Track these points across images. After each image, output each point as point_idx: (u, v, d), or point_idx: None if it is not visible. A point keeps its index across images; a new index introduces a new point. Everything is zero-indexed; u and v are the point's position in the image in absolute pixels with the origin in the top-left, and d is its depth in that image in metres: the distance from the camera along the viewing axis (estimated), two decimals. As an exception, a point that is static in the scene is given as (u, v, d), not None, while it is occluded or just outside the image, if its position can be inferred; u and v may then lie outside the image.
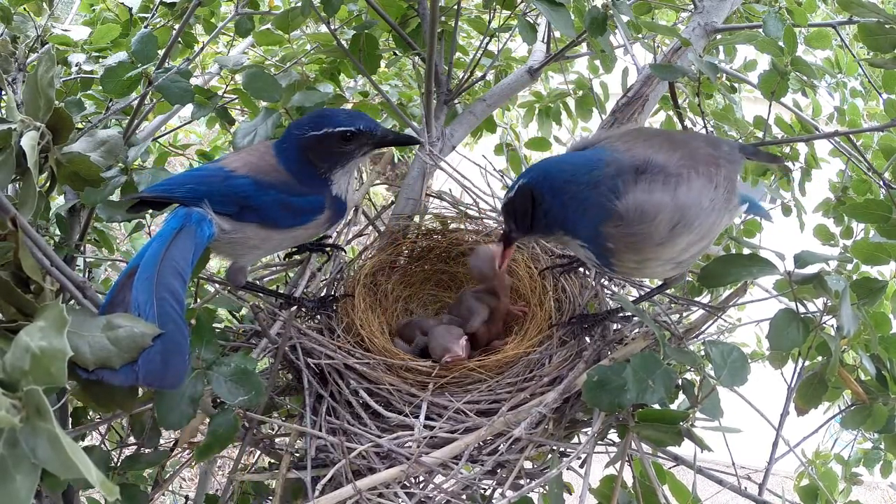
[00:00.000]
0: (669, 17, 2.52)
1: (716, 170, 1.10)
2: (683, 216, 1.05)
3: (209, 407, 1.05)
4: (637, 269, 1.14)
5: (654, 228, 1.05)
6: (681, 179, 1.06)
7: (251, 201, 1.14)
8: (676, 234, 1.06)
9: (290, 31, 1.63)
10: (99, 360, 0.79)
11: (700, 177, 1.07)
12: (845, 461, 2.07)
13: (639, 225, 1.05)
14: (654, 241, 1.06)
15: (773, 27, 1.39)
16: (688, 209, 1.05)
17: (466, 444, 1.11)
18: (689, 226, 1.06)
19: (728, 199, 1.11)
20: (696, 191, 1.06)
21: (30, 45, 1.54)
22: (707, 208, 1.07)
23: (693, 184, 1.06)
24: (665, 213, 1.04)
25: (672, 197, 1.05)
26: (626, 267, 1.12)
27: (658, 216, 1.04)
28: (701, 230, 1.07)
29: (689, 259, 1.12)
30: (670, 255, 1.09)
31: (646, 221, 1.04)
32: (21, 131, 0.94)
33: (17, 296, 0.79)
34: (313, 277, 1.50)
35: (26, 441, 0.58)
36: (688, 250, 1.09)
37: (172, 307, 0.89)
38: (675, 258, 1.10)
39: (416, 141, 1.31)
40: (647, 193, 1.05)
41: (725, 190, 1.10)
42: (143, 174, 1.25)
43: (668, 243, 1.06)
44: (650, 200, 1.04)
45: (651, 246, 1.07)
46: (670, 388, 1.03)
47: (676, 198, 1.05)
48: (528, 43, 1.72)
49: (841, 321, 1.07)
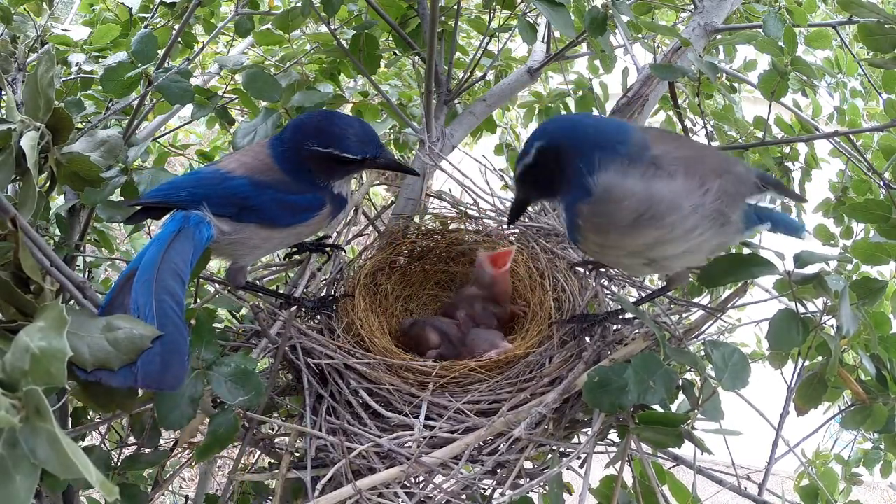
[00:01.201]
0: (669, 17, 2.52)
1: (715, 178, 1.05)
2: (651, 208, 1.01)
3: (209, 407, 1.05)
4: (601, 255, 1.11)
5: (619, 214, 1.02)
6: (661, 172, 1.02)
7: (249, 202, 1.13)
8: (641, 224, 1.02)
9: (290, 31, 1.63)
10: (98, 362, 0.79)
11: (689, 178, 1.03)
12: (845, 461, 2.07)
13: (604, 205, 1.03)
14: (616, 227, 1.03)
15: (773, 27, 1.39)
16: (658, 203, 1.01)
17: (466, 444, 1.11)
18: (658, 220, 1.02)
19: (722, 213, 1.06)
20: (677, 188, 1.02)
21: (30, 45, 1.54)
22: (686, 211, 1.03)
23: (676, 181, 1.03)
24: (631, 201, 1.01)
25: (645, 186, 1.02)
26: (589, 248, 1.10)
27: (623, 201, 1.02)
28: (674, 231, 1.03)
29: (664, 259, 1.08)
30: (634, 246, 1.06)
31: (611, 203, 1.02)
32: (21, 131, 0.94)
33: (17, 296, 0.79)
34: (313, 277, 1.50)
35: (26, 441, 0.58)
36: (657, 248, 1.06)
37: (172, 309, 0.89)
38: (643, 252, 1.07)
39: (414, 172, 1.31)
40: (620, 176, 1.02)
41: (718, 201, 1.05)
42: (143, 174, 1.25)
43: (631, 233, 1.03)
44: (620, 184, 1.02)
45: (613, 232, 1.05)
46: (671, 388, 1.03)
47: (649, 188, 1.02)
48: (528, 43, 1.72)
49: (841, 321, 1.07)
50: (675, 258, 1.09)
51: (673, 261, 1.10)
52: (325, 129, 1.16)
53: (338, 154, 1.15)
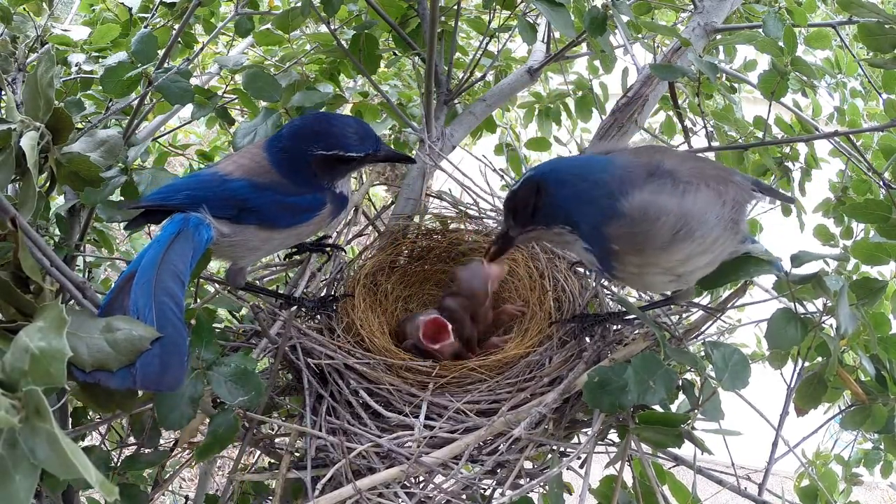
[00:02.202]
0: (669, 17, 2.52)
1: (725, 188, 1.07)
2: (687, 223, 1.03)
3: (209, 407, 1.05)
4: (637, 276, 1.11)
5: (656, 231, 1.03)
6: (689, 187, 1.04)
7: (249, 203, 1.14)
8: (678, 239, 1.03)
9: (290, 32, 1.63)
10: (96, 363, 0.79)
11: (709, 190, 1.05)
12: (845, 462, 2.07)
13: (642, 225, 1.03)
14: (656, 245, 1.04)
15: (773, 27, 1.39)
16: (692, 217, 1.03)
17: (466, 444, 1.11)
18: (692, 234, 1.03)
19: (735, 222, 1.08)
20: (702, 202, 1.04)
21: (29, 45, 1.54)
22: (712, 222, 1.04)
23: (700, 194, 1.04)
24: (669, 217, 1.02)
25: (678, 202, 1.03)
26: (627, 272, 1.10)
27: (661, 218, 1.02)
28: (703, 243, 1.05)
29: (688, 273, 1.10)
30: (670, 262, 1.07)
31: (648, 221, 1.03)
32: (21, 131, 0.94)
33: (16, 296, 0.79)
34: (313, 277, 1.50)
35: (26, 441, 0.58)
36: (688, 262, 1.07)
37: (171, 310, 0.89)
38: (675, 268, 1.08)
39: (411, 160, 1.33)
40: (654, 195, 1.03)
41: (733, 210, 1.07)
42: (143, 174, 1.25)
43: (670, 249, 1.04)
44: (655, 202, 1.03)
45: (652, 249, 1.05)
46: (671, 388, 1.03)
47: (682, 204, 1.03)
48: (528, 43, 1.72)
49: (839, 321, 1.07)
50: (700, 270, 1.10)
51: (696, 273, 1.11)
52: (324, 131, 1.17)
53: (343, 154, 1.16)
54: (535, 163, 2.83)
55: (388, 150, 1.23)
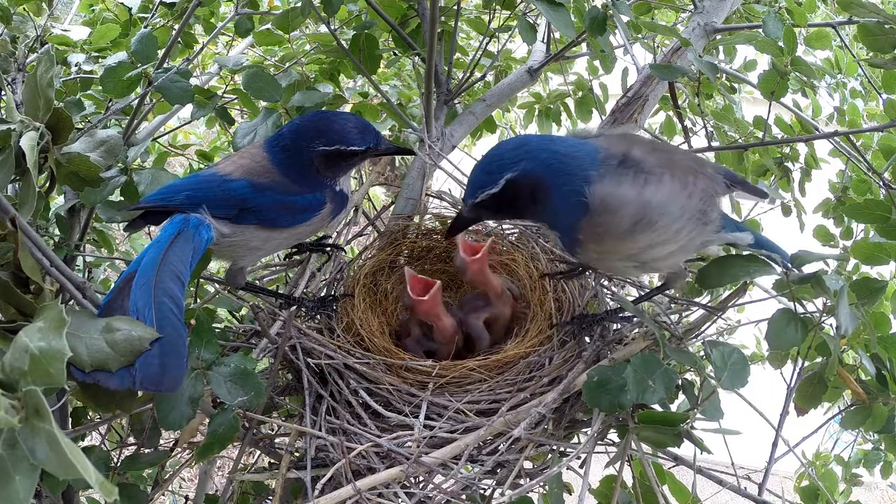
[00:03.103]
0: (669, 17, 2.52)
1: (693, 179, 1.09)
2: (647, 213, 1.05)
3: (209, 407, 1.05)
4: (598, 261, 1.14)
5: (617, 221, 1.05)
6: (651, 178, 1.06)
7: (249, 203, 1.14)
8: (638, 229, 1.05)
9: (290, 32, 1.63)
10: (96, 363, 0.79)
11: (674, 181, 1.07)
12: (845, 462, 2.07)
13: (603, 216, 1.05)
14: (616, 234, 1.06)
15: (773, 27, 1.39)
16: (651, 208, 1.05)
17: (466, 444, 1.11)
18: (652, 224, 1.05)
19: (704, 212, 1.10)
20: (664, 192, 1.06)
21: (29, 45, 1.54)
22: (675, 213, 1.06)
23: (664, 185, 1.06)
24: (629, 208, 1.04)
25: (638, 193, 1.05)
26: (588, 256, 1.13)
27: (621, 210, 1.04)
28: (665, 233, 1.07)
29: (652, 261, 1.11)
30: (629, 250, 1.09)
31: (609, 212, 1.05)
32: (20, 131, 0.94)
33: (16, 296, 0.79)
34: (313, 277, 1.50)
35: (25, 441, 0.58)
36: (650, 251, 1.09)
37: (171, 311, 0.89)
38: (636, 255, 1.10)
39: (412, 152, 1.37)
40: (615, 186, 1.05)
41: (701, 201, 1.09)
42: (142, 174, 1.25)
43: (630, 238, 1.06)
44: (615, 193, 1.05)
45: (612, 238, 1.07)
46: (671, 388, 1.03)
47: (642, 194, 1.05)
48: (528, 43, 1.72)
49: (839, 321, 1.07)
50: (663, 259, 1.12)
51: (661, 261, 1.13)
52: (325, 128, 1.18)
53: (344, 149, 1.18)
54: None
55: (389, 143, 1.25)
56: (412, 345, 1.42)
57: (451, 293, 1.65)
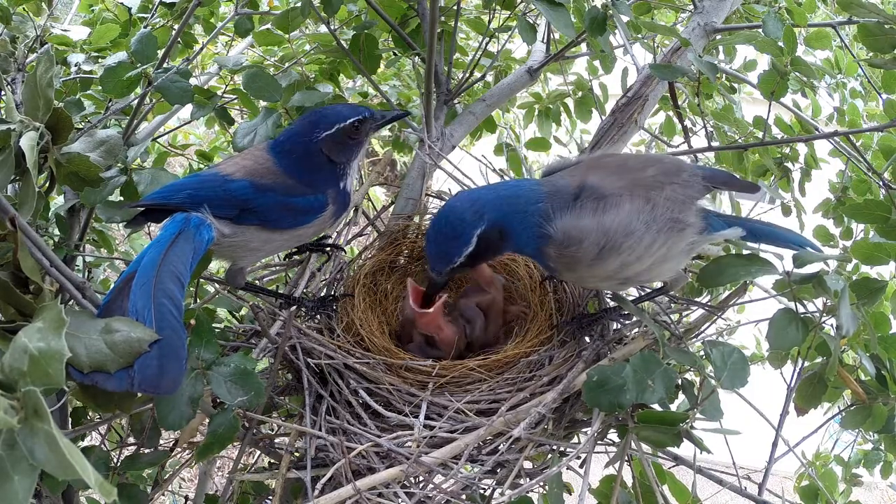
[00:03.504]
0: (669, 17, 2.52)
1: (657, 191, 1.11)
2: (609, 239, 1.09)
3: (209, 407, 1.05)
4: (579, 281, 1.20)
5: (582, 252, 1.10)
6: (609, 202, 1.10)
7: (251, 204, 1.14)
8: (605, 255, 1.10)
9: (290, 32, 1.63)
10: (94, 364, 0.78)
11: (634, 199, 1.10)
12: (845, 462, 2.06)
13: (568, 248, 1.10)
14: (585, 262, 1.11)
15: (773, 27, 1.39)
16: (613, 233, 1.09)
17: (466, 444, 1.11)
18: (617, 248, 1.09)
19: (676, 220, 1.11)
20: (624, 214, 1.09)
21: (29, 45, 1.54)
22: (640, 230, 1.09)
23: (622, 207, 1.09)
24: (591, 237, 1.09)
25: (598, 221, 1.09)
26: (566, 277, 1.19)
27: (584, 241, 1.09)
28: (635, 251, 1.10)
29: (634, 277, 1.15)
30: (604, 273, 1.13)
31: (573, 245, 1.10)
32: (20, 132, 0.94)
33: (16, 296, 0.79)
34: (313, 277, 1.50)
35: (24, 442, 0.58)
36: (626, 270, 1.12)
37: (170, 312, 0.89)
38: (614, 276, 1.14)
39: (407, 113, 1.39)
40: (575, 219, 1.10)
41: (669, 210, 1.11)
42: (142, 174, 1.25)
43: (599, 264, 1.11)
44: (577, 226, 1.10)
45: (582, 266, 1.12)
46: (670, 387, 1.03)
47: (602, 223, 1.09)
48: (528, 43, 1.72)
49: (840, 321, 1.07)
50: (644, 273, 1.15)
51: (645, 275, 1.16)
52: (319, 117, 1.22)
53: (344, 124, 1.20)
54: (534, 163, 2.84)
55: (385, 113, 1.28)
56: (415, 350, 1.41)
57: (450, 293, 1.65)
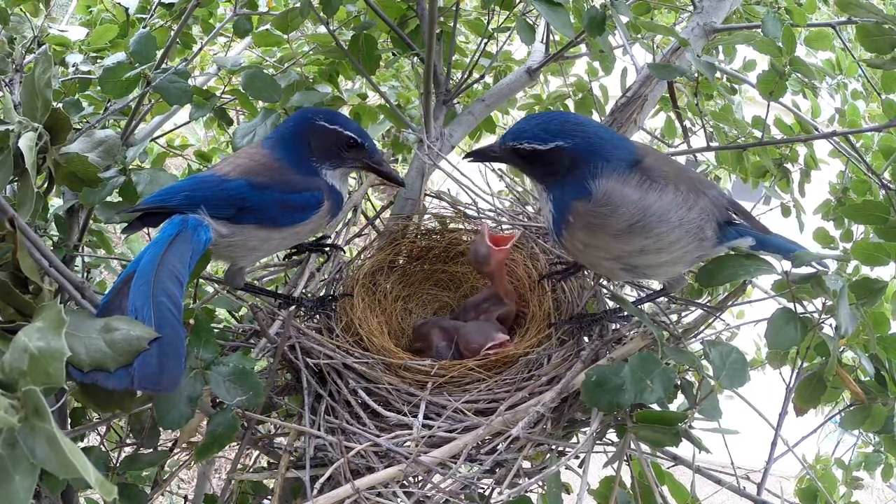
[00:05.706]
0: (669, 17, 2.52)
1: (696, 196, 1.11)
2: (644, 218, 1.08)
3: (208, 407, 1.05)
4: (583, 253, 1.15)
5: (613, 219, 1.08)
6: (655, 185, 1.09)
7: (248, 202, 1.14)
8: (634, 232, 1.08)
9: (289, 32, 1.63)
10: (94, 363, 0.78)
11: (677, 193, 1.09)
12: (846, 465, 2.06)
13: (603, 209, 1.08)
14: (609, 231, 1.09)
15: (772, 27, 1.39)
16: (651, 213, 1.08)
17: (465, 444, 1.11)
18: (648, 230, 1.08)
19: (702, 229, 1.12)
20: (666, 201, 1.08)
21: (27, 45, 1.54)
22: (674, 223, 1.09)
23: (666, 195, 1.09)
24: (629, 208, 1.07)
25: (641, 196, 1.08)
26: (573, 244, 1.14)
27: (621, 208, 1.07)
28: (660, 241, 1.09)
29: (643, 266, 1.14)
30: (619, 251, 1.11)
31: (610, 207, 1.08)
32: (19, 132, 0.94)
33: (15, 296, 0.79)
34: (312, 277, 1.50)
35: (25, 441, 0.58)
36: (641, 256, 1.11)
37: (170, 311, 0.89)
38: (626, 258, 1.12)
39: (401, 183, 1.35)
40: (620, 184, 1.08)
41: (700, 218, 1.11)
42: (141, 174, 1.25)
43: (622, 238, 1.09)
44: (620, 191, 1.08)
45: (605, 234, 1.10)
46: (669, 388, 1.03)
47: (644, 199, 1.08)
48: (527, 43, 1.72)
49: (839, 321, 1.07)
50: (654, 267, 1.15)
51: (652, 269, 1.16)
52: (332, 113, 1.24)
53: (341, 131, 1.21)
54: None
55: (384, 161, 1.27)
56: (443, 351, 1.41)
57: (450, 293, 1.66)
